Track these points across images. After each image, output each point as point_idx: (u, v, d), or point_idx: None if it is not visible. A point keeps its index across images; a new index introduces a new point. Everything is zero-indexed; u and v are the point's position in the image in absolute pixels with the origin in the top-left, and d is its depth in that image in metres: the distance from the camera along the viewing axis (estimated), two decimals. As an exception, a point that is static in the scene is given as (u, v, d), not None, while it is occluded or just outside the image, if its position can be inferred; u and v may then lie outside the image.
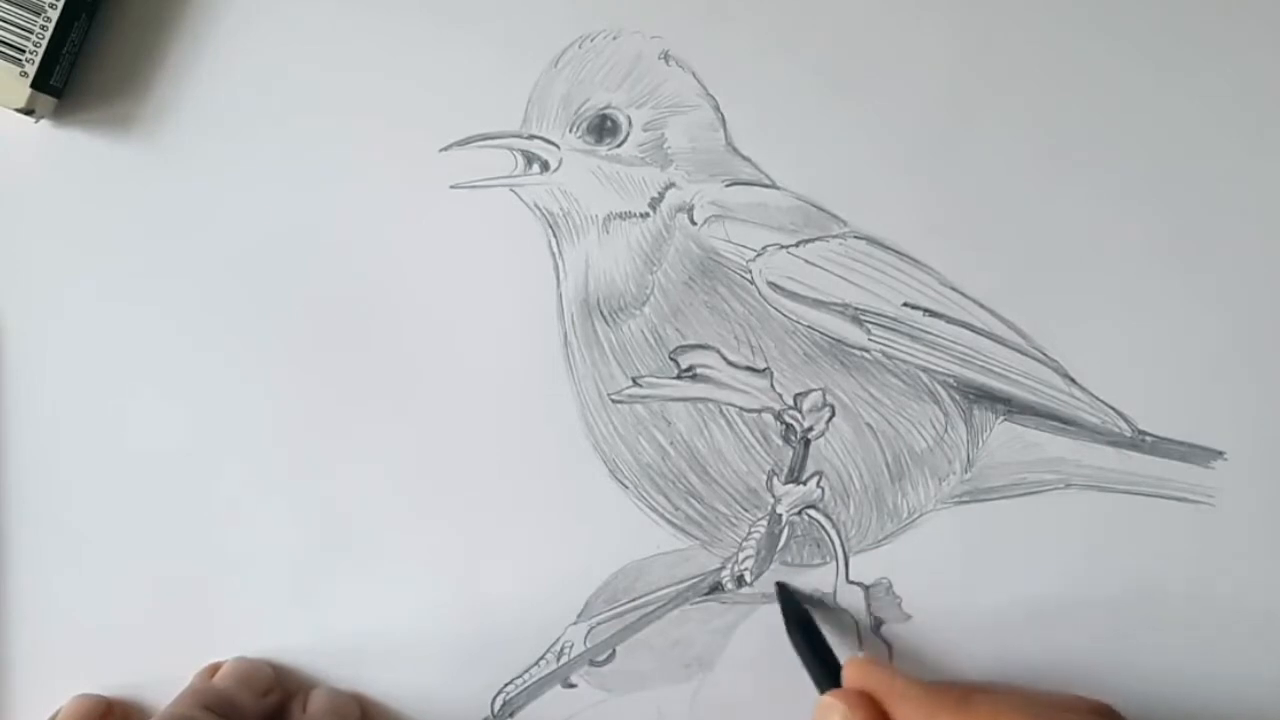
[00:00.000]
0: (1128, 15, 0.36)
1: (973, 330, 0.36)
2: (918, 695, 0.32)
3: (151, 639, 0.38)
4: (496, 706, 0.37)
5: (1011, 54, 0.36)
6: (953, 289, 0.36)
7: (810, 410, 0.37)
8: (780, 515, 0.37)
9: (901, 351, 0.36)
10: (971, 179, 0.36)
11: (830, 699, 0.33)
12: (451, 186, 0.37)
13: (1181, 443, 0.36)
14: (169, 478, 0.38)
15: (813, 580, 0.37)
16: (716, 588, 0.37)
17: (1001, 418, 0.36)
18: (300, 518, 0.37)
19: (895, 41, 0.36)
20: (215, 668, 0.37)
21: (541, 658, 0.37)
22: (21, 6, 0.35)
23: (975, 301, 0.36)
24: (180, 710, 0.34)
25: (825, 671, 0.34)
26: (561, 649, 0.37)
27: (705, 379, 0.37)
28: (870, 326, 0.36)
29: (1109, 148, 0.36)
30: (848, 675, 0.33)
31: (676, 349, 0.37)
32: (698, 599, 0.37)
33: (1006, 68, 0.36)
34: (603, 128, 0.37)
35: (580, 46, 0.37)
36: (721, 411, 0.37)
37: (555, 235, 0.37)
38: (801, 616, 0.36)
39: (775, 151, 0.37)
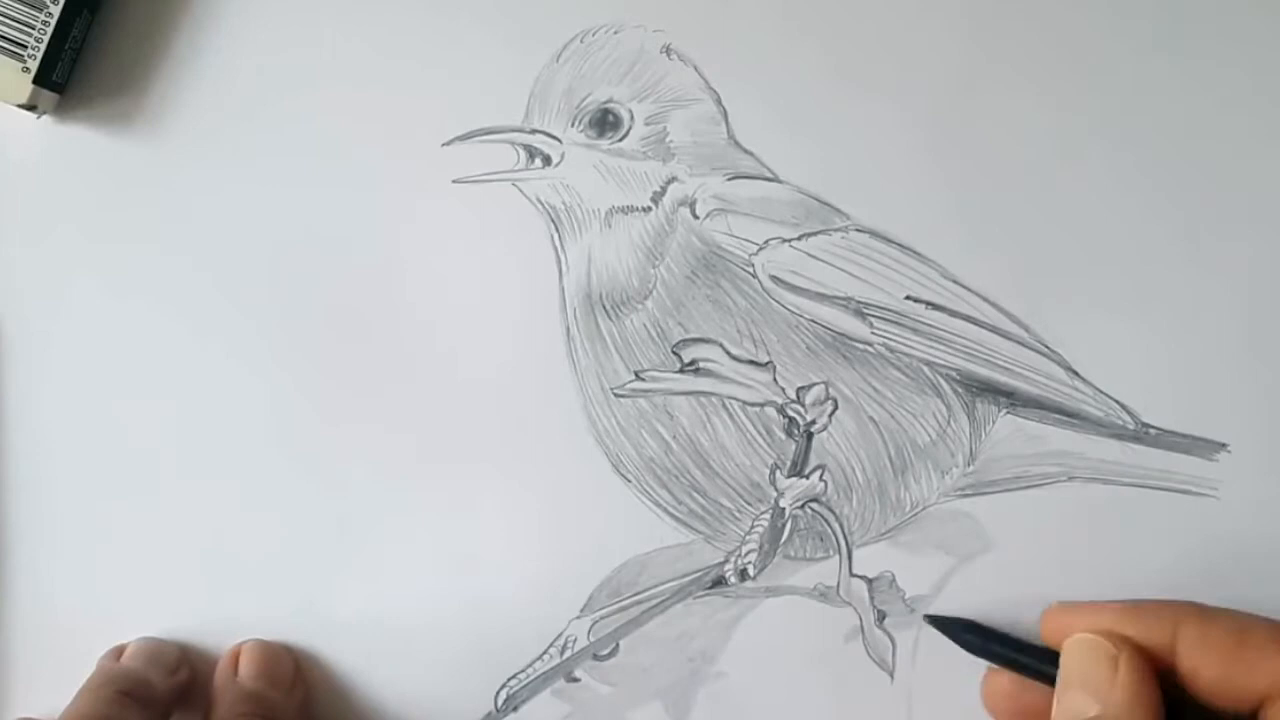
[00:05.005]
0: (1135, 3, 0.36)
1: (976, 323, 0.36)
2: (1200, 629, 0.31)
3: (153, 635, 0.38)
4: (499, 701, 0.37)
5: (1015, 45, 0.36)
6: (955, 282, 0.36)
7: (813, 404, 0.37)
8: (783, 509, 0.37)
9: (904, 345, 0.36)
10: (974, 172, 0.36)
11: (1089, 637, 0.32)
12: (454, 181, 0.37)
13: (1185, 435, 0.36)
14: (170, 474, 0.38)
15: (816, 574, 0.37)
16: (720, 581, 0.37)
17: (1004, 411, 0.36)
18: (303, 512, 0.37)
19: (898, 34, 0.36)
20: (120, 649, 0.37)
21: (545, 652, 0.37)
22: (24, 2, 0.35)
23: (978, 294, 0.36)
24: (95, 704, 0.34)
25: (1035, 653, 0.33)
26: (564, 643, 0.37)
27: (708, 373, 0.37)
28: (873, 320, 0.36)
29: (1114, 140, 0.36)
30: (1075, 622, 0.32)
31: (679, 343, 0.37)
32: (701, 593, 0.37)
33: (1010, 59, 0.36)
34: (605, 122, 0.37)
35: (582, 41, 0.37)
36: (724, 405, 0.37)
37: (557, 229, 0.37)
38: (968, 625, 0.36)
39: (777, 145, 0.37)
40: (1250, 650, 0.30)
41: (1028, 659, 0.34)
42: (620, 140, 0.37)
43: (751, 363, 0.37)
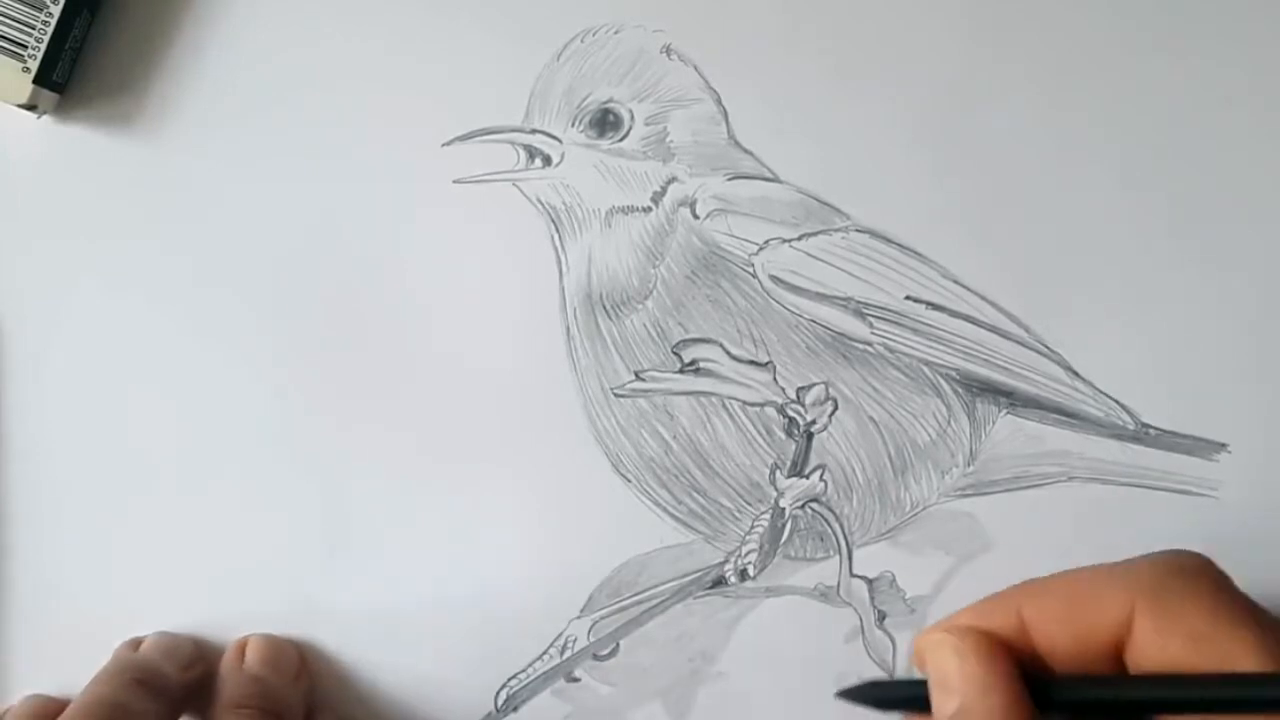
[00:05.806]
0: (1135, 3, 0.36)
1: (976, 323, 0.36)
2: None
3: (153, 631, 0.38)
4: (500, 701, 0.37)
5: (1015, 45, 0.36)
6: (955, 282, 0.36)
7: (813, 404, 0.37)
8: (783, 509, 0.37)
9: (904, 345, 0.36)
10: (974, 171, 0.36)
11: (933, 636, 0.30)
12: (454, 181, 0.37)
13: (1185, 435, 0.36)
14: (171, 473, 0.38)
15: (816, 574, 0.37)
16: (720, 581, 0.37)
17: (1004, 411, 0.36)
18: (303, 512, 0.37)
19: (898, 34, 0.36)
20: (138, 641, 0.37)
21: (545, 652, 0.37)
22: (24, 2, 0.35)
23: (978, 294, 0.36)
24: (109, 688, 0.34)
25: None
26: (565, 643, 0.37)
27: (708, 373, 0.37)
28: (873, 320, 0.36)
29: (1113, 140, 0.36)
30: (930, 636, 0.31)
31: (679, 343, 0.37)
32: (701, 593, 0.37)
33: (1010, 59, 0.36)
34: (605, 122, 0.37)
35: (582, 40, 0.37)
36: (724, 405, 0.37)
37: (558, 230, 0.37)
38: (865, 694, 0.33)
39: (777, 145, 0.37)
40: (1083, 606, 0.29)
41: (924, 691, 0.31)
42: (620, 140, 0.37)
43: (751, 363, 0.37)
